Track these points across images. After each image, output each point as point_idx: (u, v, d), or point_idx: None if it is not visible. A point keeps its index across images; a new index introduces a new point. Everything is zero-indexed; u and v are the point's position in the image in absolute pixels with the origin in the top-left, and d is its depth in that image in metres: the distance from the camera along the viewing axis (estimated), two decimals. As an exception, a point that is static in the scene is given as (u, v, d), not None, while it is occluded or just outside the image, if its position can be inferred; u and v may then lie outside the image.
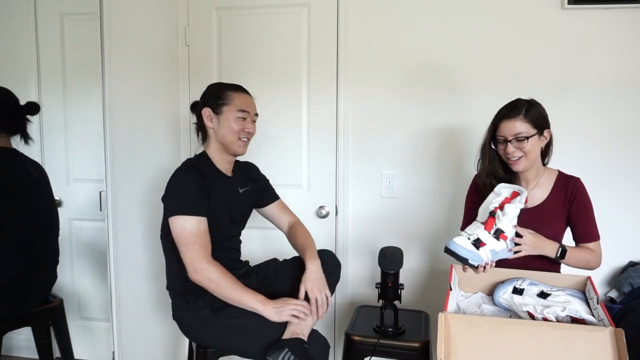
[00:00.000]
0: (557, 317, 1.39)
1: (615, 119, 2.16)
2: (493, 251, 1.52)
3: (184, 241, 1.61)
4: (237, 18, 2.43)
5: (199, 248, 1.61)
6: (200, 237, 1.62)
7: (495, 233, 1.53)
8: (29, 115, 1.95)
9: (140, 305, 2.17)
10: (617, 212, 2.18)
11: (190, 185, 1.64)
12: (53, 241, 2.03)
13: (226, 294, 1.61)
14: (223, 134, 1.74)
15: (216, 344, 1.69)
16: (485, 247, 1.50)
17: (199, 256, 1.61)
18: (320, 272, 1.72)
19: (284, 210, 1.99)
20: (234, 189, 1.82)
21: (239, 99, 1.76)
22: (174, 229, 1.63)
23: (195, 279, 1.61)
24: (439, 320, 1.33)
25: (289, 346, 1.54)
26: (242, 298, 1.60)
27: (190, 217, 1.61)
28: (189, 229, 1.61)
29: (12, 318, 1.88)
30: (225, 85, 1.79)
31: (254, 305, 1.60)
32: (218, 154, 1.79)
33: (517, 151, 1.66)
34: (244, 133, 1.76)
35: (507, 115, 1.67)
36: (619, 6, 2.09)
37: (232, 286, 1.61)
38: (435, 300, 2.33)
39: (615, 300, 2.13)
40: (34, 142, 1.98)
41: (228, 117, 1.74)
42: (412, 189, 2.37)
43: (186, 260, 1.62)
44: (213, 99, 1.76)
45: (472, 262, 1.48)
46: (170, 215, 1.63)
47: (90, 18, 1.87)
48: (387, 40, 2.31)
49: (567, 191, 1.74)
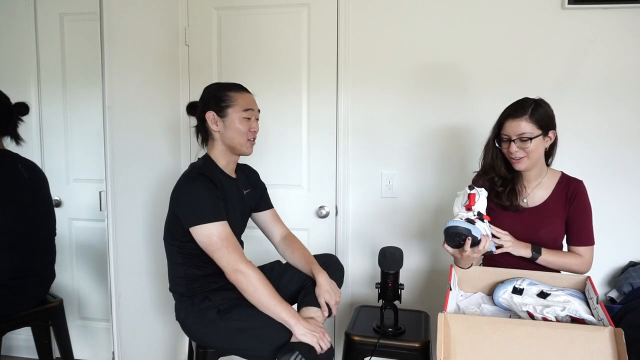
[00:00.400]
0: (556, 317, 1.39)
1: (616, 118, 2.16)
2: (484, 228, 1.57)
3: (215, 247, 1.61)
4: (237, 18, 2.43)
5: (233, 250, 1.62)
6: (229, 239, 1.63)
7: (478, 215, 1.57)
8: (19, 115, 1.95)
9: (140, 305, 2.17)
10: (617, 212, 2.18)
11: (204, 192, 1.63)
12: (49, 241, 2.03)
13: (261, 299, 1.60)
14: (231, 136, 1.74)
15: (221, 345, 1.69)
16: (477, 224, 1.55)
17: (236, 258, 1.61)
18: (330, 282, 1.75)
19: (277, 221, 1.99)
20: (239, 191, 1.83)
21: (241, 98, 1.75)
22: (200, 238, 1.62)
23: (235, 279, 1.61)
24: (439, 320, 1.33)
25: (299, 349, 1.53)
26: (275, 307, 1.59)
27: (214, 223, 1.61)
28: (216, 234, 1.61)
29: (10, 318, 1.88)
30: (224, 86, 1.78)
31: (286, 317, 1.59)
32: (224, 156, 1.78)
33: (519, 151, 1.66)
34: (251, 133, 1.76)
35: (512, 114, 1.67)
36: (619, 6, 2.09)
37: (269, 293, 1.61)
38: (435, 300, 2.33)
39: (615, 300, 2.13)
40: (25, 142, 1.97)
41: (233, 118, 1.72)
42: (412, 189, 2.37)
43: (223, 264, 1.62)
44: (215, 102, 1.74)
45: (475, 234, 1.51)
46: (193, 225, 1.62)
47: (90, 18, 1.87)
48: (387, 40, 2.31)
49: (568, 193, 1.74)
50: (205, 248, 1.63)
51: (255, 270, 1.62)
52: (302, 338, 1.56)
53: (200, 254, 1.68)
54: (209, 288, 1.72)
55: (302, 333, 1.57)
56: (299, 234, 2.40)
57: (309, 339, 1.57)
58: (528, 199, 1.77)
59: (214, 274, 1.68)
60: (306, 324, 1.60)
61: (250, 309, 1.64)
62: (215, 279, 1.70)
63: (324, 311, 1.70)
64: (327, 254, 1.93)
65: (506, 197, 1.75)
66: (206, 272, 1.71)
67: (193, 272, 1.72)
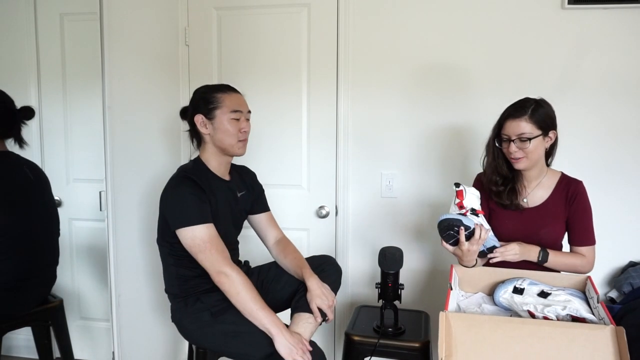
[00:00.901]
0: (557, 316, 1.39)
1: (616, 118, 2.16)
2: (478, 221, 1.57)
3: (198, 249, 1.61)
4: (237, 18, 2.43)
5: (216, 252, 1.61)
6: (213, 241, 1.62)
7: (471, 211, 1.58)
8: (24, 119, 1.94)
9: (141, 306, 2.17)
10: (617, 212, 2.18)
11: (189, 195, 1.63)
12: (53, 242, 2.03)
13: (243, 302, 1.59)
14: (220, 138, 1.73)
15: (216, 348, 1.69)
16: (469, 216, 1.57)
17: (219, 259, 1.61)
18: (321, 285, 1.72)
19: (273, 224, 1.98)
20: (233, 193, 1.82)
21: (229, 99, 1.73)
22: (184, 240, 1.62)
23: (218, 281, 1.60)
24: (440, 319, 1.33)
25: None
26: (257, 313, 1.58)
27: (199, 226, 1.61)
28: (199, 236, 1.61)
29: (11, 318, 1.88)
30: (212, 88, 1.77)
31: (268, 326, 1.56)
32: (215, 158, 1.78)
33: (518, 151, 1.66)
34: (241, 133, 1.75)
35: (512, 114, 1.67)
36: (619, 6, 2.10)
37: (252, 297, 1.59)
38: (435, 300, 2.33)
39: (615, 300, 2.13)
40: (28, 146, 1.96)
41: (222, 120, 1.71)
42: (412, 189, 2.37)
43: (207, 265, 1.61)
44: (203, 105, 1.73)
45: (467, 223, 1.53)
46: (178, 227, 1.62)
47: (90, 18, 1.87)
48: (387, 40, 2.31)
49: (568, 193, 1.74)
50: (190, 250, 1.63)
51: (239, 274, 1.61)
52: (281, 350, 1.53)
53: (189, 255, 1.68)
54: (201, 289, 1.72)
55: (281, 346, 1.54)
56: (299, 234, 2.43)
57: (286, 353, 1.53)
58: (528, 199, 1.77)
59: (204, 275, 1.68)
60: (289, 336, 1.56)
61: None
62: (206, 280, 1.70)
63: (316, 317, 1.67)
64: (324, 255, 1.91)
65: (506, 196, 1.75)
66: (196, 273, 1.70)
67: (184, 272, 1.72)
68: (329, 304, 1.68)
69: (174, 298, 1.75)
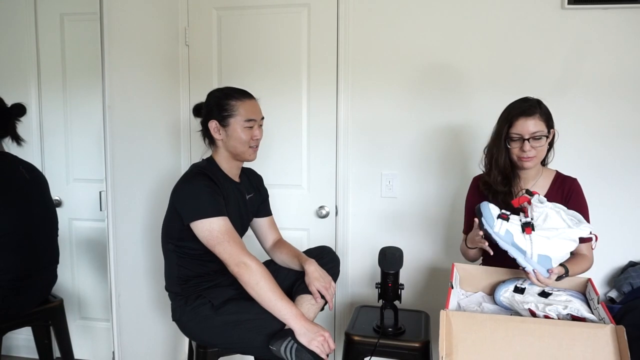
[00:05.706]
0: (558, 315, 1.39)
1: (615, 118, 2.16)
2: (508, 232, 1.48)
3: (216, 241, 1.61)
4: (237, 18, 2.43)
5: (234, 243, 1.61)
6: (230, 233, 1.63)
7: (524, 224, 1.49)
8: (17, 117, 1.94)
9: (140, 305, 2.17)
10: (617, 212, 2.18)
11: (205, 189, 1.64)
12: (52, 241, 2.03)
13: (262, 294, 1.58)
14: (233, 145, 1.74)
15: (218, 341, 1.69)
16: (505, 223, 1.49)
17: (237, 250, 1.61)
18: (319, 269, 1.75)
19: (274, 228, 2.00)
20: (242, 195, 1.84)
21: (243, 107, 1.73)
22: (201, 233, 1.62)
23: (237, 272, 1.60)
24: (441, 318, 1.33)
25: (292, 335, 1.54)
26: (276, 303, 1.57)
27: (215, 218, 1.61)
28: (217, 228, 1.61)
29: (11, 318, 1.88)
30: (227, 94, 1.75)
31: (287, 316, 1.56)
32: (227, 162, 1.79)
33: (532, 150, 1.64)
34: (254, 141, 1.76)
35: (525, 112, 1.64)
36: (619, 6, 2.10)
37: (271, 287, 1.59)
38: (435, 300, 2.33)
39: (615, 300, 2.13)
40: (26, 142, 1.97)
41: (235, 128, 1.72)
42: (412, 189, 2.37)
43: (225, 257, 1.61)
44: (217, 111, 1.73)
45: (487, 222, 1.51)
46: (193, 219, 1.62)
47: (90, 18, 1.87)
48: (387, 40, 2.31)
49: (564, 191, 1.73)
50: (206, 243, 1.62)
51: (258, 264, 1.62)
52: (302, 339, 1.54)
53: (194, 254, 1.69)
54: (202, 287, 1.72)
55: (301, 334, 1.55)
56: (299, 234, 2.44)
57: (306, 342, 1.53)
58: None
59: (207, 274, 1.68)
60: (309, 325, 1.57)
61: (245, 302, 1.64)
62: (209, 279, 1.70)
63: (316, 298, 1.69)
64: (322, 245, 1.93)
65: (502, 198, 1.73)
66: (199, 273, 1.71)
67: (186, 272, 1.72)
68: (326, 286, 1.71)
69: (175, 296, 1.75)
